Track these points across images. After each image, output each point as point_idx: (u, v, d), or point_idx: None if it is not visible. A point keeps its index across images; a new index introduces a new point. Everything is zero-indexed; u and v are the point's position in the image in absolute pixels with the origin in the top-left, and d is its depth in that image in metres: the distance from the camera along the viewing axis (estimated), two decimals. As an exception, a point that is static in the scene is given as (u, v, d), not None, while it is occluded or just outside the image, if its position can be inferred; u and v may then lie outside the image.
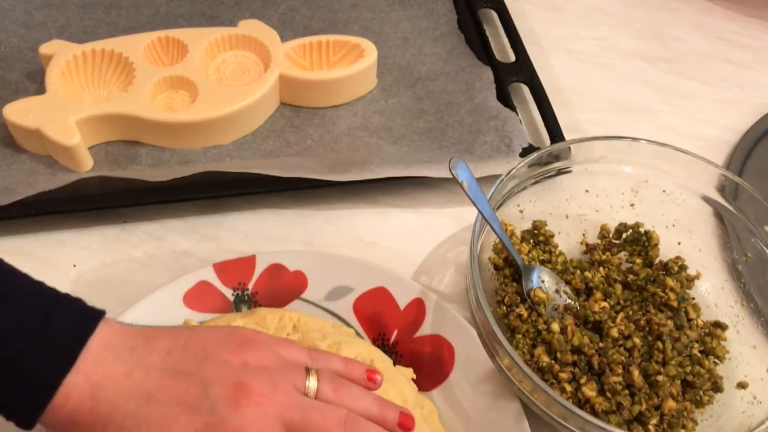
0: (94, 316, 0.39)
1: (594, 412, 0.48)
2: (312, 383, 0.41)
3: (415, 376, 0.51)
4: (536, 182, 0.59)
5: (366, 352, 0.50)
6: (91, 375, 0.37)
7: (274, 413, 0.38)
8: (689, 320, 0.54)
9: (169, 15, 0.75)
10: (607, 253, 0.58)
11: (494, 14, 0.79)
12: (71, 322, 0.38)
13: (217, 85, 0.66)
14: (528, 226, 0.59)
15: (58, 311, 0.38)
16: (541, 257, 0.57)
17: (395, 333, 0.53)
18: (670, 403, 0.48)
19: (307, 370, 0.42)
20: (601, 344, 0.51)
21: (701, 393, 0.51)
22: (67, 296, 0.39)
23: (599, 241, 0.59)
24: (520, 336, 0.52)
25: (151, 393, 0.38)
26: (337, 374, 0.44)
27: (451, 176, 0.52)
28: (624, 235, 0.59)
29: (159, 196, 0.60)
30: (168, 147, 0.64)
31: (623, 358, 0.50)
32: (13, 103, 0.61)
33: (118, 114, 0.62)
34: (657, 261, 0.57)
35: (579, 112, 0.73)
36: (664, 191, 0.59)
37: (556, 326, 0.51)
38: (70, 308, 0.39)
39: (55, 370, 0.37)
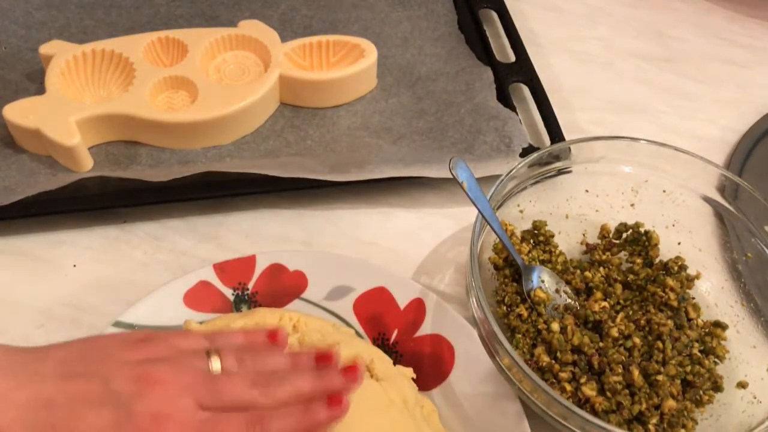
0: None
1: (594, 412, 0.48)
2: (215, 364, 0.40)
3: (415, 376, 0.51)
4: (536, 182, 0.58)
5: (366, 351, 0.49)
6: None
7: (182, 392, 0.38)
8: (689, 320, 0.54)
9: (169, 15, 0.75)
10: (607, 253, 0.58)
11: (494, 14, 0.79)
12: None
13: (217, 85, 0.66)
14: (528, 226, 0.59)
15: None
16: (541, 257, 0.57)
17: (395, 333, 0.53)
18: (670, 403, 0.48)
19: (208, 353, 0.41)
20: (601, 344, 0.51)
21: (701, 392, 0.51)
22: None
23: (599, 241, 0.59)
24: (520, 336, 0.52)
25: (49, 399, 0.36)
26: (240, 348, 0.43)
27: (451, 176, 0.52)
28: (624, 235, 0.59)
29: (159, 196, 0.60)
30: (168, 147, 0.64)
31: (623, 357, 0.50)
32: (13, 103, 0.61)
33: (118, 114, 0.62)
34: (657, 261, 0.57)
35: (579, 112, 0.73)
36: (664, 191, 0.59)
37: (556, 326, 0.51)
38: None
39: None
